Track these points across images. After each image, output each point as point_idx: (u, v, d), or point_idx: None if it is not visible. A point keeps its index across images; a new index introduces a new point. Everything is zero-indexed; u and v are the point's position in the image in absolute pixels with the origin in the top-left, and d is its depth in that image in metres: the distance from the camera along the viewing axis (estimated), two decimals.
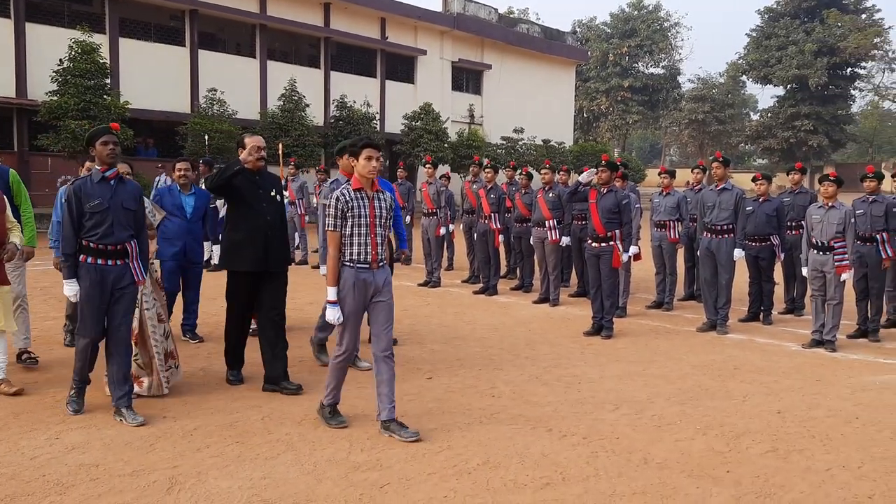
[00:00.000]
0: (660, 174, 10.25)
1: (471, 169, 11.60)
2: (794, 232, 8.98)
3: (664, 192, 9.82)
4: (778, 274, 9.02)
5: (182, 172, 7.21)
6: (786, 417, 5.16)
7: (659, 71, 49.53)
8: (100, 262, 4.77)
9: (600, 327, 7.84)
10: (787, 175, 9.64)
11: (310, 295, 9.65)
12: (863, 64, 46.17)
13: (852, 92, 48.23)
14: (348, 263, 4.57)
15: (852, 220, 7.48)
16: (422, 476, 4.02)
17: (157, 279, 5.62)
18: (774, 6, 47.44)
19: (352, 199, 4.58)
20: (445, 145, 25.36)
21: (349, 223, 4.56)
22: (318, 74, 26.16)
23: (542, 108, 32.89)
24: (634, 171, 31.88)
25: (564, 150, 31.11)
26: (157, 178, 11.99)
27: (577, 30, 48.58)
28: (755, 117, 54.68)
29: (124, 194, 4.87)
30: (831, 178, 7.66)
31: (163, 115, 22.24)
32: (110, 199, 4.79)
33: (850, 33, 42.76)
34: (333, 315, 4.57)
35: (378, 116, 26.16)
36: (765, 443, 4.62)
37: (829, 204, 7.49)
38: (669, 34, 48.61)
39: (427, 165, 11.62)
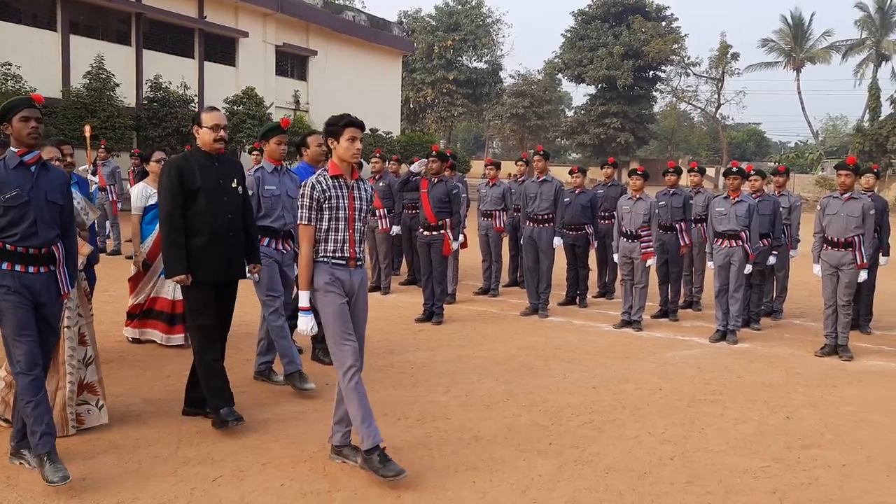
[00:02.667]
0: (486, 166, 10.64)
1: (298, 157, 11.44)
2: (606, 221, 9.66)
3: (490, 183, 10.21)
4: (592, 260, 9.69)
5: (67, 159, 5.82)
6: (600, 391, 5.59)
7: (482, 65, 51.08)
8: (18, 268, 3.70)
9: (431, 314, 8.04)
10: (601, 169, 10.35)
11: None
12: (663, 68, 50.24)
13: (654, 93, 52.40)
14: (322, 259, 3.88)
15: (656, 210, 8.20)
16: (256, 466, 3.95)
17: (86, 289, 4.63)
18: (586, 9, 50.43)
19: (330, 189, 3.88)
20: None
21: (325, 216, 3.87)
22: (128, 52, 24.44)
23: (369, 97, 32.86)
24: (460, 163, 32.73)
25: (392, 139, 31.36)
26: None
27: (403, 21, 48.98)
28: (570, 114, 57.91)
29: (48, 184, 3.81)
30: (639, 173, 8.33)
31: None
32: (30, 191, 3.72)
33: (653, 39, 46.38)
34: (307, 325, 3.86)
35: (196, 99, 24.91)
36: (583, 415, 4.98)
37: (637, 196, 8.14)
38: (491, 30, 50.26)
39: (254, 153, 11.32)
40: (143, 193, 6.55)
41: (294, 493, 3.65)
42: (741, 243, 7.52)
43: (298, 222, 3.90)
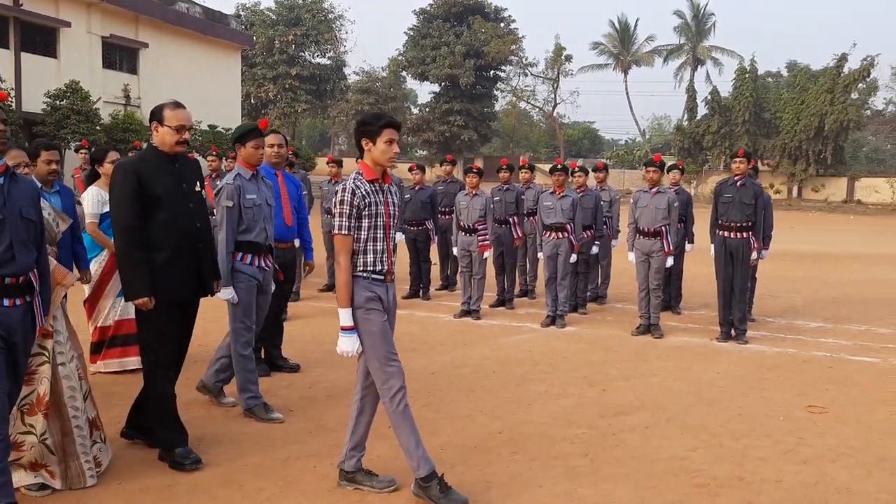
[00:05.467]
0: (328, 163, 10.74)
1: (129, 154, 11.03)
2: (446, 217, 10.07)
3: (333, 181, 10.33)
4: (434, 254, 10.06)
5: (54, 166, 5.10)
6: (438, 377, 5.91)
7: (325, 61, 50.71)
8: None
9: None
10: (440, 166, 10.75)
11: None
12: (503, 68, 52.13)
13: (495, 92, 54.25)
14: (361, 274, 3.60)
15: (491, 205, 8.68)
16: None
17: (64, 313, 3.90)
18: (428, 8, 51.33)
19: (369, 194, 3.56)
20: (98, 127, 23.34)
21: (364, 224, 3.56)
22: None
23: (206, 93, 31.73)
24: (305, 160, 32.39)
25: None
26: None
27: (242, 14, 47.66)
28: (416, 111, 58.74)
29: (21, 197, 3.20)
30: (475, 170, 8.79)
31: None
32: (3, 207, 3.11)
33: (492, 39, 48.02)
34: (351, 345, 3.58)
35: (13, 93, 23.11)
36: (421, 399, 5.27)
37: (474, 192, 8.58)
38: (334, 26, 49.99)
39: (81, 151, 10.77)
40: (97, 199, 5.77)
41: (134, 489, 3.67)
42: (567, 235, 8.13)
43: (336, 232, 3.55)
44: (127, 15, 28.79)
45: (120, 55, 29.44)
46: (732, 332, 7.50)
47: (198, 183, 4.15)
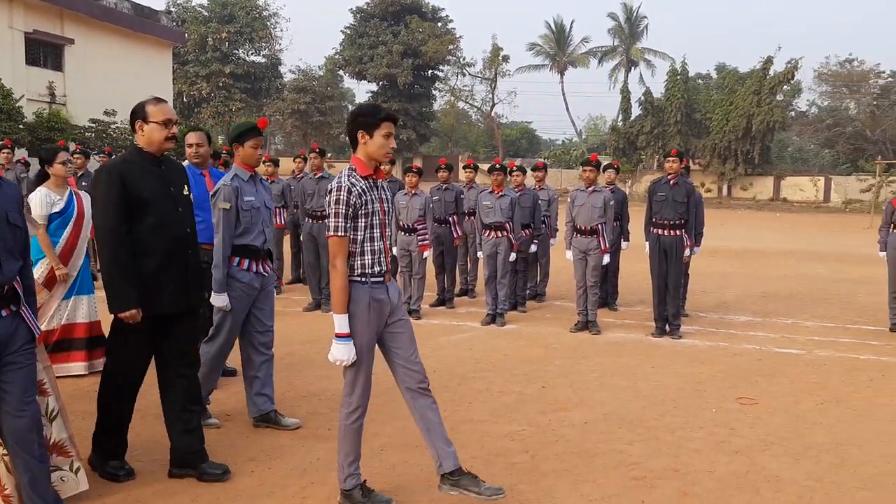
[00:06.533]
0: (265, 163, 10.55)
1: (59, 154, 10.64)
2: None
3: (269, 181, 10.16)
4: None
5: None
6: (378, 377, 5.74)
7: (260, 59, 49.96)
8: None
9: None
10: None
11: None
12: (441, 67, 52.27)
13: (434, 92, 54.36)
14: (359, 279, 3.41)
15: (431, 205, 8.68)
16: None
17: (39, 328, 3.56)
18: (365, 7, 51.08)
19: (365, 192, 3.39)
20: (21, 126, 22.47)
21: (361, 224, 3.39)
22: None
23: (136, 91, 30.62)
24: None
25: None
26: None
27: (173, 10, 46.54)
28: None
29: (5, 201, 2.94)
30: (414, 170, 8.77)
31: None
32: None
33: (430, 39, 48.10)
34: (346, 353, 3.39)
35: None
36: None
37: (413, 192, 8.56)
38: (269, 23, 49.27)
39: (4, 150, 10.35)
40: (45, 200, 5.49)
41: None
42: (506, 234, 8.19)
43: (331, 234, 3.36)
44: (51, 10, 27.78)
45: (44, 51, 28.39)
46: (667, 327, 7.68)
47: (185, 186, 3.93)
